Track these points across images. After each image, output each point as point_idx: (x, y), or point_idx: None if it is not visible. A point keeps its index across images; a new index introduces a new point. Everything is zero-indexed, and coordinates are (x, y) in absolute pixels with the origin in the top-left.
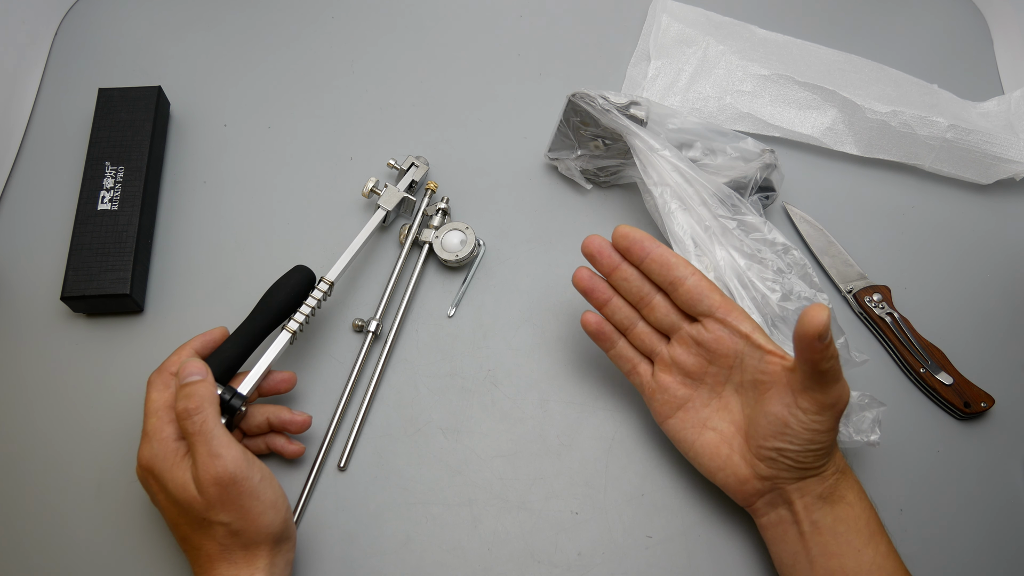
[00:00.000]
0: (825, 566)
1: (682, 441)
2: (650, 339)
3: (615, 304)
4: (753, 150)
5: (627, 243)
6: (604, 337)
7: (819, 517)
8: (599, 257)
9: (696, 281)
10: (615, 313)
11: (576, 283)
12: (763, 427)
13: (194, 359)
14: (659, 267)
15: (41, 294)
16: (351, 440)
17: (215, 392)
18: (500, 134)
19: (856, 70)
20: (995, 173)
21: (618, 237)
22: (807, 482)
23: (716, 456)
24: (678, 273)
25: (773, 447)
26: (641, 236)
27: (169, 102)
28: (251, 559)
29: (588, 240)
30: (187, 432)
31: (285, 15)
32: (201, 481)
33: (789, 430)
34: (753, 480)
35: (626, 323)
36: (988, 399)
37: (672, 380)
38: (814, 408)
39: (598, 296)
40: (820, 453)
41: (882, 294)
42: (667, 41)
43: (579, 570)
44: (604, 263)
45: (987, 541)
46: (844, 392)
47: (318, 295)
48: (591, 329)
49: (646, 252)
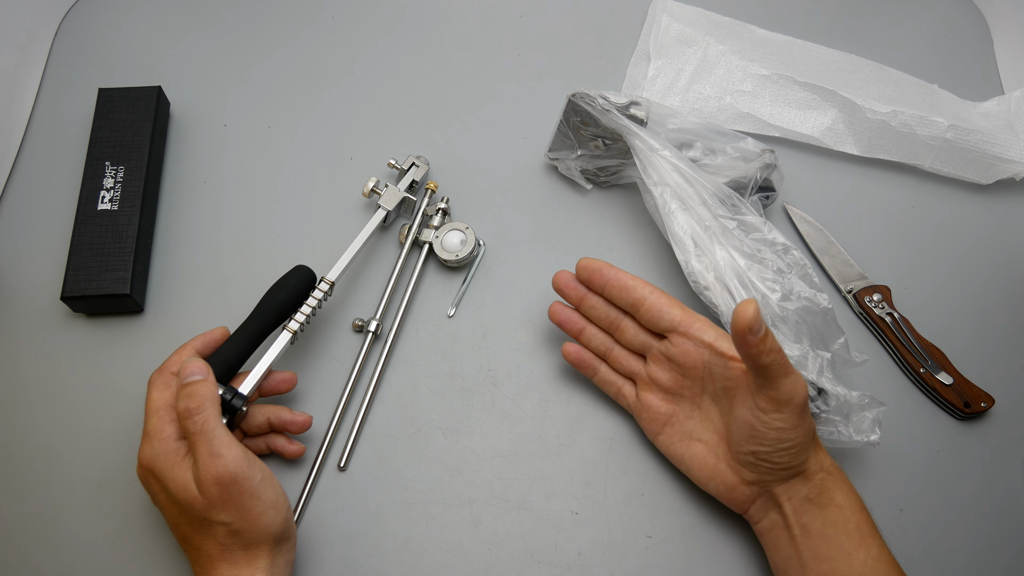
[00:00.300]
0: (817, 570)
1: (673, 455)
2: (628, 361)
3: (589, 332)
4: (753, 150)
5: (588, 274)
6: (585, 365)
7: (808, 520)
8: (566, 291)
9: (655, 299)
10: (591, 340)
11: (551, 317)
12: (735, 433)
13: (195, 359)
14: (619, 291)
15: (41, 294)
16: (351, 440)
17: (216, 392)
18: (500, 134)
19: (856, 70)
20: (995, 173)
21: (579, 269)
22: (792, 483)
23: (705, 467)
24: (637, 295)
25: (748, 451)
26: (600, 265)
27: (169, 102)
28: (251, 559)
29: (555, 276)
30: (188, 432)
31: (285, 15)
32: (202, 481)
33: (756, 432)
34: (741, 486)
35: (603, 348)
36: (988, 399)
37: (654, 398)
38: (771, 406)
39: (572, 327)
40: (794, 451)
41: (882, 294)
42: (667, 41)
43: (579, 570)
44: (571, 295)
45: (987, 541)
46: (797, 386)
47: (319, 295)
48: (572, 359)
49: (605, 280)
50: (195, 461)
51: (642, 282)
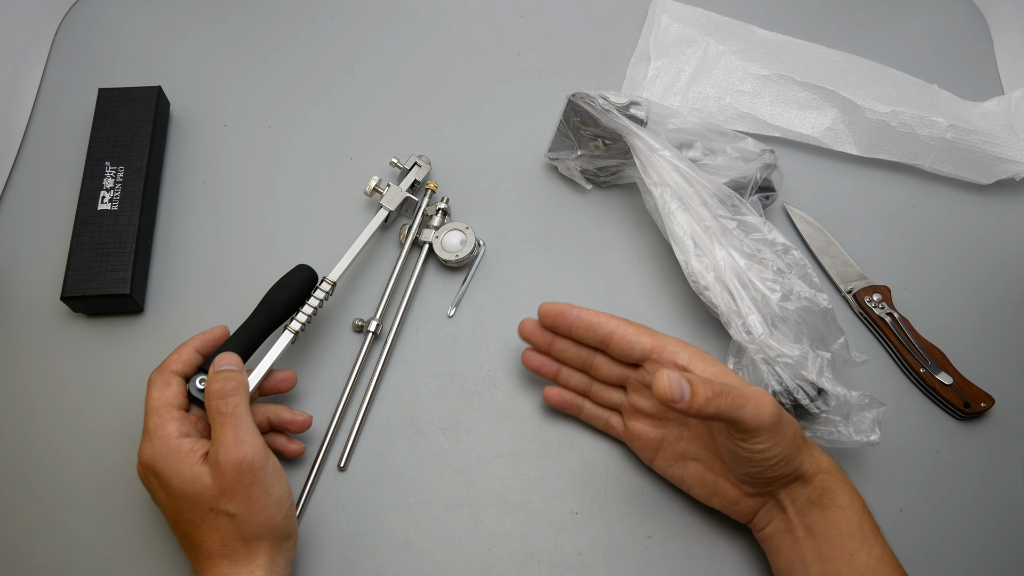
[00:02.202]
0: (820, 571)
1: (672, 477)
2: (609, 394)
3: (566, 374)
4: (753, 150)
5: (551, 319)
6: (569, 406)
7: (812, 522)
8: (533, 339)
9: (622, 332)
10: (569, 381)
11: (525, 364)
12: (725, 457)
13: (229, 353)
14: (586, 331)
15: (41, 294)
16: (351, 440)
17: (247, 383)
18: (500, 134)
19: (856, 70)
20: (995, 173)
21: (542, 316)
22: (793, 487)
23: (704, 484)
24: (603, 331)
25: (741, 472)
26: (561, 308)
27: (169, 102)
28: (251, 556)
29: (520, 326)
30: (218, 412)
31: (285, 15)
32: (221, 463)
33: (742, 458)
34: (743, 499)
35: (583, 386)
36: (988, 399)
37: (642, 425)
38: (744, 436)
39: (547, 371)
40: (784, 463)
41: (882, 294)
42: (667, 41)
43: (579, 570)
44: (539, 342)
45: (987, 541)
46: (760, 409)
47: (320, 295)
48: (555, 403)
49: (570, 322)
50: (217, 442)
51: (607, 316)
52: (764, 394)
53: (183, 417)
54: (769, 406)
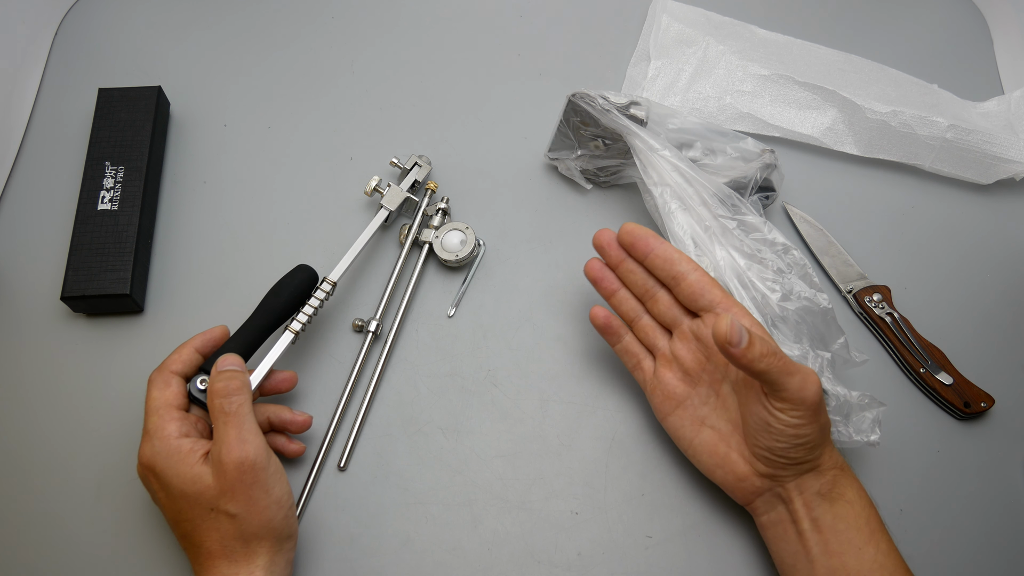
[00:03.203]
0: (826, 565)
1: (681, 439)
2: (653, 333)
3: (622, 295)
4: (753, 150)
5: (631, 239)
6: (611, 331)
7: (819, 515)
8: (607, 250)
9: (698, 277)
10: (621, 304)
11: (587, 272)
12: (752, 426)
13: (232, 354)
14: (662, 263)
15: (41, 294)
16: (351, 440)
17: (250, 383)
18: (500, 134)
19: (856, 70)
20: (995, 173)
21: (623, 234)
22: (805, 478)
23: (714, 454)
24: (680, 268)
25: (764, 446)
26: (645, 233)
27: (169, 102)
28: (251, 556)
29: (598, 234)
30: (221, 411)
31: (285, 15)
32: (223, 463)
33: (772, 429)
34: (752, 477)
35: (632, 315)
36: (988, 399)
37: (672, 376)
38: (783, 406)
39: (606, 286)
40: (810, 447)
41: (882, 294)
42: (667, 41)
43: (579, 570)
44: (612, 256)
45: (987, 541)
46: (807, 383)
47: (321, 295)
48: (599, 323)
49: (650, 248)
50: (220, 441)
51: (687, 257)
52: (813, 373)
53: (183, 417)
54: (815, 384)
